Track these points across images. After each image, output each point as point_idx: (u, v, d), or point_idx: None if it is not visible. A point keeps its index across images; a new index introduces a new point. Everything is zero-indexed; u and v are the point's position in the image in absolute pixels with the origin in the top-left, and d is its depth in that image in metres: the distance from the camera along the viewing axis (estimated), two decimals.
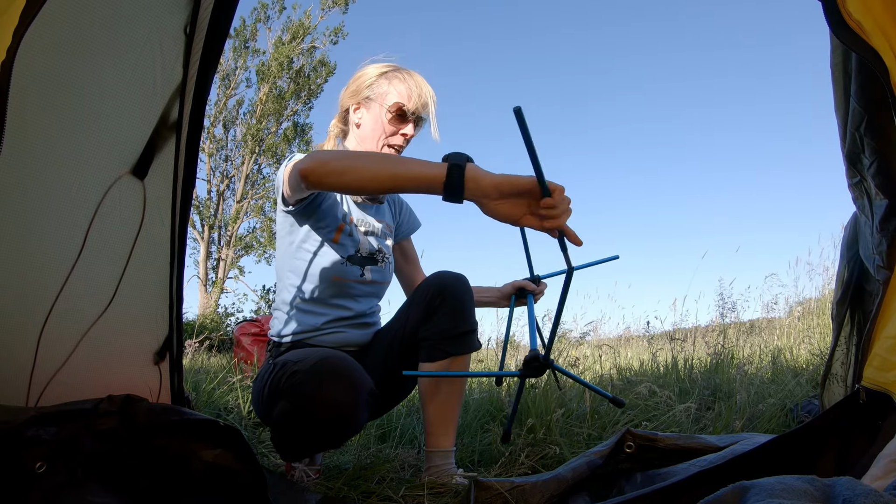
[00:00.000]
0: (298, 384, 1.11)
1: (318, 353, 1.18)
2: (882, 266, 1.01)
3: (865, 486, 0.61)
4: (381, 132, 1.37)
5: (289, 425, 1.15)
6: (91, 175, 1.06)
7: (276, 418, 1.19)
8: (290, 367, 1.16)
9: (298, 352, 1.26)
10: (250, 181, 15.79)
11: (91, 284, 1.11)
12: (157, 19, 1.03)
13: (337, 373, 1.10)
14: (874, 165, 0.98)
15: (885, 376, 0.98)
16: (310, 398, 1.09)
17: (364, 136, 1.39)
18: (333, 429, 1.12)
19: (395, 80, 1.38)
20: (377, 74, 1.39)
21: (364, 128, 1.39)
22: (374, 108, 1.38)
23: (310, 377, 1.10)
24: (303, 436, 1.15)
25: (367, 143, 1.39)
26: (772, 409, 1.73)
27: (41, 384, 1.06)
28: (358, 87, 1.40)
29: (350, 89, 1.42)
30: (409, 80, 1.38)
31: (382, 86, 1.38)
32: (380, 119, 1.37)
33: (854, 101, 1.00)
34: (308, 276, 1.36)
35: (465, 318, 1.33)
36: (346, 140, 1.46)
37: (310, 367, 1.12)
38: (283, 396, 1.15)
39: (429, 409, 1.35)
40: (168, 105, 1.13)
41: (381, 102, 1.37)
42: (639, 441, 1.07)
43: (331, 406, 1.08)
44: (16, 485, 0.86)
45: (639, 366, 3.05)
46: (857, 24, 0.85)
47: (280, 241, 1.40)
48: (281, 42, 15.31)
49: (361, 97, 1.39)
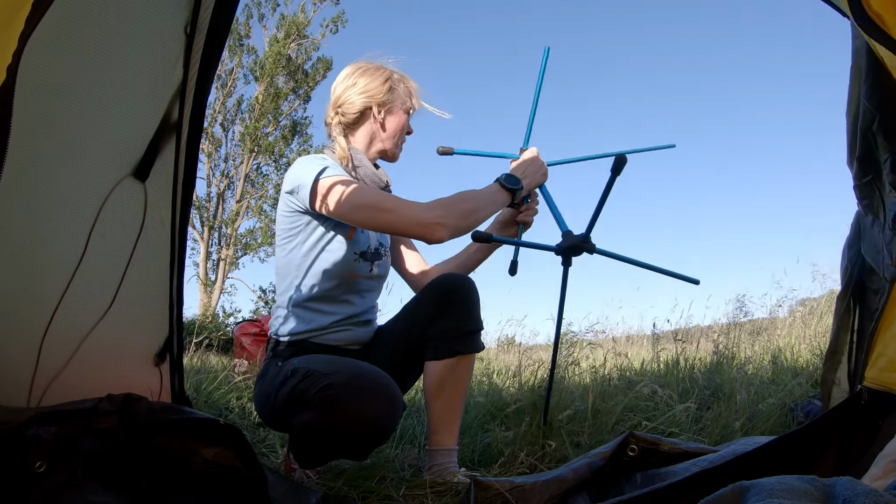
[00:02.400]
0: (334, 398, 1.12)
1: (350, 365, 1.20)
2: (891, 264, 1.01)
3: (865, 486, 0.61)
4: (401, 133, 1.50)
5: (318, 437, 1.17)
6: (93, 178, 1.07)
7: (300, 428, 1.20)
8: (318, 377, 1.16)
9: (319, 359, 1.26)
10: (249, 180, 15.78)
11: (92, 286, 1.11)
12: (157, 20, 1.03)
13: (377, 389, 1.14)
14: (888, 162, 0.98)
15: (892, 376, 0.98)
16: (348, 414, 1.11)
17: (387, 136, 1.48)
18: (368, 443, 1.18)
19: (404, 83, 1.49)
20: (389, 76, 1.47)
21: (389, 129, 1.48)
22: (398, 111, 1.48)
23: (347, 392, 1.12)
24: (332, 448, 1.19)
25: (387, 141, 1.49)
26: (772, 410, 1.73)
27: (43, 385, 1.06)
28: (375, 89, 1.44)
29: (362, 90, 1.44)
30: (411, 85, 1.51)
31: (401, 89, 1.48)
32: (401, 121, 1.48)
33: (865, 100, 1.00)
34: (320, 274, 1.37)
35: (472, 318, 1.36)
36: (357, 134, 1.48)
37: (346, 382, 1.13)
38: (314, 408, 1.15)
39: (433, 406, 1.36)
40: (169, 106, 1.13)
41: (400, 105, 1.48)
42: (642, 445, 1.07)
43: (370, 423, 1.12)
44: (16, 485, 0.86)
45: (640, 365, 3.05)
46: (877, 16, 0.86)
47: (287, 241, 1.39)
48: (276, 40, 15.24)
49: (384, 98, 1.45)
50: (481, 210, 1.28)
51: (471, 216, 1.26)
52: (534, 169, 1.40)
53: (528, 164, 1.40)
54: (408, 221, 1.22)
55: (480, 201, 1.29)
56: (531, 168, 1.40)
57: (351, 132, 1.48)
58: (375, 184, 1.44)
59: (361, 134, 1.48)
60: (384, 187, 1.47)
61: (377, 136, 1.48)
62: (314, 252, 1.37)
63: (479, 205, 1.28)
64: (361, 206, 1.25)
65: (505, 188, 1.32)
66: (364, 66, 1.48)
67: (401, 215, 1.23)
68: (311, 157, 1.36)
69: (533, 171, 1.39)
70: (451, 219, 1.22)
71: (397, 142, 1.50)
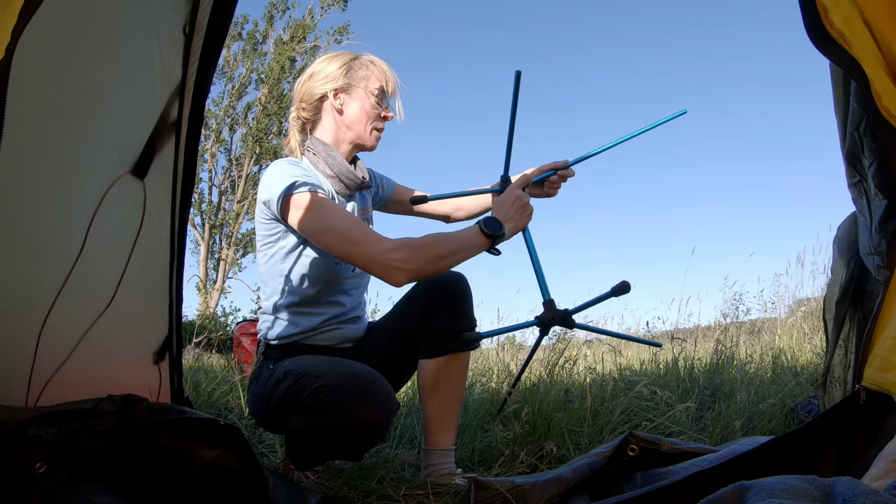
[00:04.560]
0: (327, 400, 1.10)
1: (342, 366, 1.18)
2: (882, 266, 1.01)
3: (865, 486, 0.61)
4: (366, 117, 1.38)
5: (313, 439, 1.16)
6: (91, 175, 1.06)
7: (295, 431, 1.20)
8: (310, 379, 1.14)
9: (310, 360, 1.24)
10: (251, 181, 15.77)
11: (91, 284, 1.11)
12: (155, 19, 1.03)
13: (369, 390, 1.12)
14: (874, 165, 0.98)
15: (886, 377, 0.98)
16: (343, 415, 1.10)
17: (349, 121, 1.38)
18: (363, 444, 1.16)
19: (370, 65, 1.39)
20: (349, 59, 1.38)
21: (348, 114, 1.38)
22: (358, 93, 1.37)
23: (340, 394, 1.10)
24: (327, 450, 1.18)
25: (354, 129, 1.38)
26: (772, 410, 1.73)
27: (41, 383, 1.06)
28: (331, 73, 1.37)
29: (320, 77, 1.38)
30: (381, 64, 1.40)
31: (360, 70, 1.38)
32: (365, 103, 1.37)
33: (853, 100, 1.00)
34: (301, 279, 1.34)
35: (464, 316, 1.34)
36: (319, 128, 1.41)
37: (339, 384, 1.11)
38: (307, 411, 1.14)
39: (428, 406, 1.35)
40: (167, 105, 1.13)
41: (363, 87, 1.37)
42: (642, 444, 1.07)
43: (364, 424, 1.10)
44: (16, 485, 0.86)
45: (639, 366, 3.05)
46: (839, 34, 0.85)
47: (267, 247, 1.36)
48: (282, 41, 15.27)
49: (340, 83, 1.37)
50: (454, 256, 1.19)
51: (440, 262, 1.18)
52: (516, 210, 1.26)
53: (511, 205, 1.26)
54: (369, 258, 1.17)
55: (455, 246, 1.19)
56: (513, 209, 1.25)
57: (313, 126, 1.41)
58: (351, 181, 1.38)
59: (325, 125, 1.40)
60: (360, 184, 1.41)
61: (339, 123, 1.38)
62: (293, 258, 1.34)
63: (452, 249, 1.19)
64: (328, 230, 1.21)
65: (484, 234, 1.21)
66: (330, 55, 1.41)
67: (364, 249, 1.17)
68: (283, 167, 1.30)
69: (515, 213, 1.25)
70: (415, 263, 1.16)
71: (366, 128, 1.38)
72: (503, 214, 1.24)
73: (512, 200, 1.27)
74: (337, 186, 1.38)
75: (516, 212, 1.26)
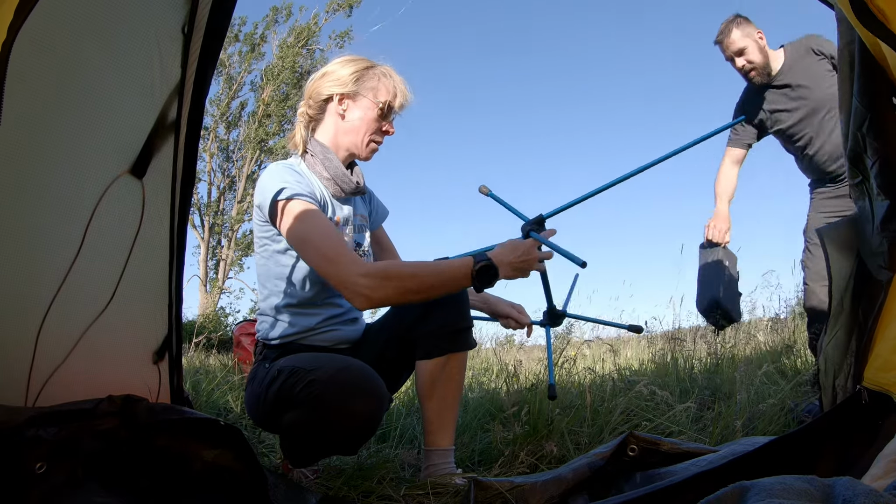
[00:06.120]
0: (319, 395, 1.10)
1: (334, 360, 1.18)
2: (883, 267, 1.01)
3: (865, 486, 0.61)
4: (366, 128, 1.37)
5: (306, 434, 1.16)
6: (89, 174, 1.06)
7: (288, 426, 1.19)
8: (302, 374, 1.14)
9: (303, 357, 1.24)
10: (252, 181, 15.76)
11: (90, 284, 1.11)
12: (154, 19, 1.03)
13: (360, 383, 1.12)
14: (876, 165, 0.98)
15: (886, 377, 0.98)
16: (333, 409, 1.10)
17: (348, 128, 1.38)
18: (355, 438, 1.16)
19: (382, 77, 1.38)
20: (364, 67, 1.38)
21: (349, 120, 1.37)
22: (363, 102, 1.36)
23: (331, 388, 1.10)
24: (321, 444, 1.17)
25: (350, 136, 1.38)
26: (772, 410, 1.72)
27: (39, 383, 1.05)
28: (341, 77, 1.36)
29: (331, 78, 1.37)
30: (395, 78, 1.40)
31: (371, 80, 1.37)
32: (368, 114, 1.37)
33: (856, 100, 1.00)
34: (298, 281, 1.34)
35: (461, 316, 1.34)
36: (321, 129, 1.40)
37: (330, 377, 1.11)
38: (299, 405, 1.14)
39: (427, 406, 1.35)
40: (166, 104, 1.13)
41: (371, 97, 1.36)
42: (642, 445, 1.07)
43: (355, 417, 1.10)
44: (16, 485, 0.86)
45: (639, 366, 3.05)
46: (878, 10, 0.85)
47: (263, 248, 1.36)
48: (286, 44, 15.27)
49: (348, 89, 1.36)
50: (430, 291, 1.20)
51: (410, 296, 1.19)
52: (521, 262, 1.23)
53: (521, 255, 1.23)
54: (338, 279, 1.17)
55: (435, 282, 1.19)
56: (519, 260, 1.23)
57: (316, 125, 1.41)
58: (346, 184, 1.38)
59: (326, 127, 1.40)
60: (354, 189, 1.40)
61: (339, 128, 1.38)
62: (289, 260, 1.33)
63: (429, 285, 1.19)
64: (306, 243, 1.21)
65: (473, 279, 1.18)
66: (348, 57, 1.40)
67: (336, 269, 1.17)
68: (277, 171, 1.29)
69: (518, 265, 1.23)
70: (380, 292, 1.15)
71: (363, 138, 1.37)
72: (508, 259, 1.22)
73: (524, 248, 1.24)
74: (332, 189, 1.38)
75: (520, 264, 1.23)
